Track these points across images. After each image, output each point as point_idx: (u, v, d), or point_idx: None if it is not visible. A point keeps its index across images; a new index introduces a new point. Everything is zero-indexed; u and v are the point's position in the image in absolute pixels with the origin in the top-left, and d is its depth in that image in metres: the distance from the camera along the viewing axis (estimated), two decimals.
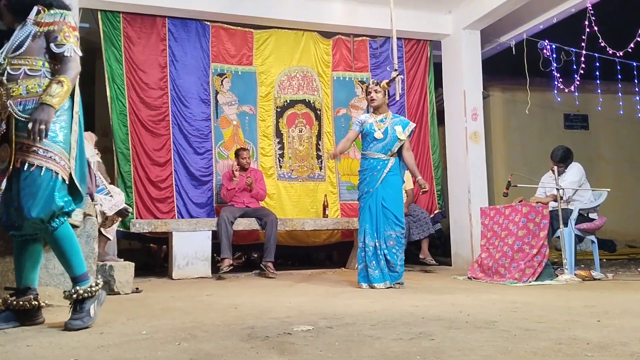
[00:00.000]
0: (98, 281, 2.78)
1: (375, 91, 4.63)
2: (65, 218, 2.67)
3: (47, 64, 2.71)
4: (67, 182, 2.68)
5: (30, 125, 2.52)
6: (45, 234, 2.66)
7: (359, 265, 4.53)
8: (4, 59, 2.67)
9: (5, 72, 2.65)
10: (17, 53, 2.67)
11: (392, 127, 4.57)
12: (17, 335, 2.51)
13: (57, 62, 2.71)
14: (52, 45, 2.68)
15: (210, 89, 6.63)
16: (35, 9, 2.74)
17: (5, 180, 2.66)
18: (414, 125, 4.78)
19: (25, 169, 2.56)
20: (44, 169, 2.58)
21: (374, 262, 4.43)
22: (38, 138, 2.54)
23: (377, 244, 4.46)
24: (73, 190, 2.73)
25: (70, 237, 2.71)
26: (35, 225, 2.59)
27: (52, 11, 2.73)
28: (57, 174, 2.62)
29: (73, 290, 2.67)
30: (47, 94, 2.58)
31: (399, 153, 4.62)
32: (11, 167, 2.58)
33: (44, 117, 2.53)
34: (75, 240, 2.74)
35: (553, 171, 5.22)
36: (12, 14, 2.79)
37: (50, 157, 2.61)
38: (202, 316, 2.96)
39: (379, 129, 4.57)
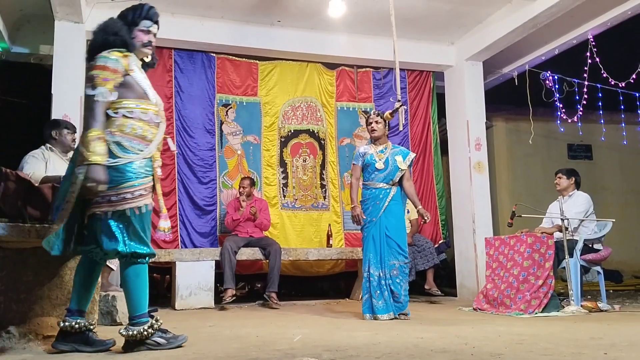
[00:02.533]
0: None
1: (376, 122, 4.66)
2: None
3: None
4: None
5: None
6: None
7: (364, 296, 4.48)
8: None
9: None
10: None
11: (392, 157, 4.59)
12: None
13: None
14: None
15: (215, 119, 6.69)
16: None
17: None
18: (414, 155, 4.81)
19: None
20: None
21: (378, 292, 4.39)
22: None
23: (381, 274, 4.43)
24: None
25: None
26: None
27: None
28: None
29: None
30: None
31: (400, 183, 4.63)
32: (151, 207, 2.84)
33: None
34: None
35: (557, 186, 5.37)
36: (148, 57, 3.18)
37: None
38: (205, 348, 2.94)
39: (380, 160, 4.58)
